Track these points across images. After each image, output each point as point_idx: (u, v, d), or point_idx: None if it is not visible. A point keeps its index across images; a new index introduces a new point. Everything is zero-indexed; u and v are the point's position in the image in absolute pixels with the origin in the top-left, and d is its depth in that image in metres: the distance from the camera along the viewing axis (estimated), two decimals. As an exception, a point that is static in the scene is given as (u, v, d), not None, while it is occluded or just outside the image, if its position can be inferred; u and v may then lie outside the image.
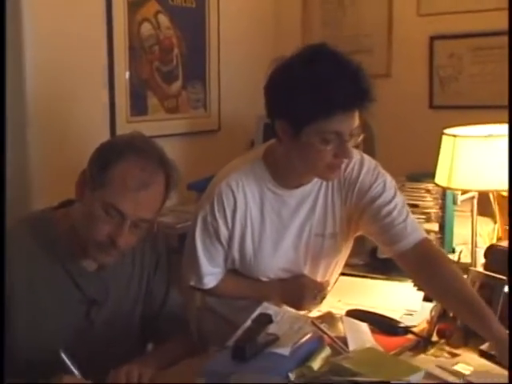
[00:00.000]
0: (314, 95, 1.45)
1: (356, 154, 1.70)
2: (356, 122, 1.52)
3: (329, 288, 1.89)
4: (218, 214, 1.68)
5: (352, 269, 2.21)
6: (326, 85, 1.46)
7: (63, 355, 1.33)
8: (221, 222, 1.69)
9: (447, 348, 1.60)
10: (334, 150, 1.52)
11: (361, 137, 1.54)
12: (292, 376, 1.38)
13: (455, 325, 1.72)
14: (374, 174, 1.72)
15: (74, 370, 1.34)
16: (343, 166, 1.61)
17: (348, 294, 1.92)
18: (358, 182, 1.71)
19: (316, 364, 1.43)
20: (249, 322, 1.53)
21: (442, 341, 1.64)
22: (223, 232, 1.71)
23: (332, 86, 1.45)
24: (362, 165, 1.72)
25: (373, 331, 1.64)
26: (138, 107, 2.82)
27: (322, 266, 1.83)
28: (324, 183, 1.71)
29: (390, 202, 1.70)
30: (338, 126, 1.49)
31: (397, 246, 1.68)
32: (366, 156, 1.76)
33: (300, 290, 1.77)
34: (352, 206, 1.73)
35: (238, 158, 1.78)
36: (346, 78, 1.47)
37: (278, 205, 1.70)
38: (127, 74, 2.76)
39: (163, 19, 2.89)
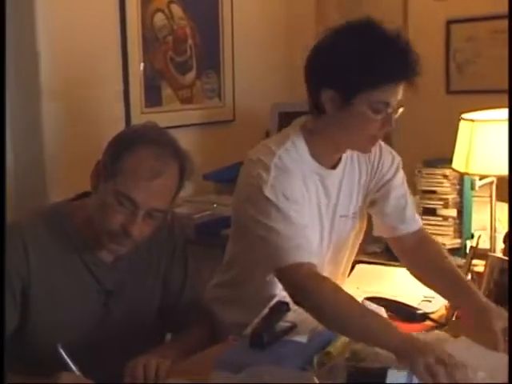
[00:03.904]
0: (367, 65, 1.48)
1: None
2: (401, 94, 1.55)
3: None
4: (284, 179, 1.56)
5: (370, 256, 2.20)
6: (378, 56, 1.48)
7: (61, 351, 1.32)
8: (288, 185, 1.56)
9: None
10: (382, 121, 1.54)
11: (401, 109, 1.57)
12: (315, 361, 1.38)
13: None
14: (390, 155, 1.77)
15: (72, 366, 1.32)
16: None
17: (366, 281, 1.91)
18: (380, 164, 1.75)
19: (336, 351, 1.42)
20: (266, 310, 1.52)
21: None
22: (293, 193, 1.56)
23: (384, 57, 1.48)
24: (381, 146, 1.76)
25: (391, 318, 1.62)
26: (153, 98, 2.82)
27: (343, 248, 1.81)
28: (349, 163, 1.71)
29: (403, 183, 1.78)
30: (388, 97, 1.52)
31: (399, 228, 1.75)
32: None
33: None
34: (371, 186, 1.76)
35: (273, 136, 1.72)
36: (396, 51, 1.50)
37: (316, 183, 1.66)
38: (141, 65, 2.75)
39: (176, 9, 2.88)
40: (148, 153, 1.43)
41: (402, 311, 1.68)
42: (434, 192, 2.30)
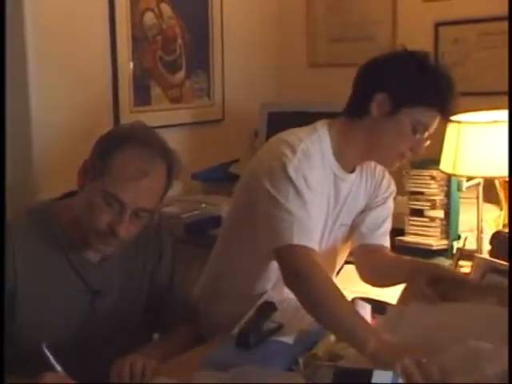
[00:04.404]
0: (427, 84, 1.57)
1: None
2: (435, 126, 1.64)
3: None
4: (306, 165, 1.58)
5: (353, 252, 2.19)
6: (437, 83, 1.58)
7: (46, 351, 1.31)
8: (310, 174, 1.58)
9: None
10: (414, 142, 1.61)
11: (428, 142, 1.65)
12: (301, 362, 1.38)
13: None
14: (389, 181, 1.84)
15: (56, 365, 1.31)
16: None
17: (353, 282, 1.91)
18: (382, 184, 1.81)
19: (321, 352, 1.43)
20: (253, 311, 1.53)
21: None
22: (312, 181, 1.58)
23: (441, 87, 1.58)
24: (386, 173, 1.83)
25: (377, 318, 1.63)
26: (142, 97, 2.81)
27: (333, 256, 1.83)
28: (359, 174, 1.75)
29: (390, 208, 1.84)
30: (429, 122, 1.60)
31: (367, 244, 1.80)
32: None
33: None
34: (367, 202, 1.80)
35: (299, 128, 1.70)
36: (449, 89, 1.60)
37: (330, 183, 1.68)
38: (131, 64, 2.74)
39: (166, 8, 2.87)
40: (135, 153, 1.43)
41: (388, 312, 1.69)
42: (421, 193, 2.30)
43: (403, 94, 1.59)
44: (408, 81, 1.59)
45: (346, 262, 1.98)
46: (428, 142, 1.64)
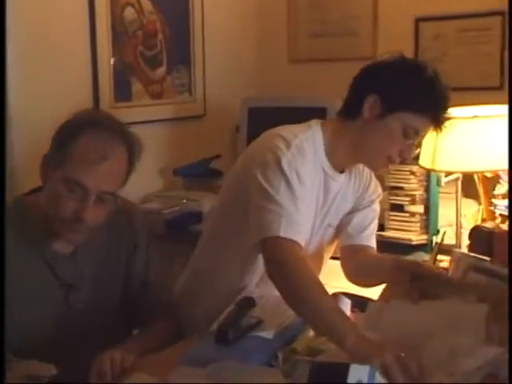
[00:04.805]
0: (420, 89, 1.58)
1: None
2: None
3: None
4: (301, 160, 1.59)
5: (339, 252, 2.20)
6: (431, 90, 1.59)
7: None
8: (303, 169, 1.59)
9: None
10: (403, 146, 1.61)
11: (418, 150, 1.69)
12: (280, 356, 1.39)
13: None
14: (376, 185, 1.85)
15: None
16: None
17: (334, 277, 1.92)
18: (369, 187, 1.81)
19: (300, 346, 1.43)
20: (232, 306, 1.53)
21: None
22: (304, 177, 1.59)
23: (434, 94, 1.59)
24: (373, 176, 1.84)
25: (357, 313, 1.64)
26: (122, 93, 2.79)
27: (318, 257, 1.83)
28: (349, 175, 1.75)
29: (376, 210, 1.84)
30: (420, 128, 1.61)
31: (353, 245, 1.80)
32: None
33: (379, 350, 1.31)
34: (355, 204, 1.81)
35: (293, 125, 1.71)
36: (442, 97, 1.62)
37: (320, 181, 1.68)
38: (112, 60, 2.73)
39: (146, 3, 2.85)
40: (94, 137, 1.43)
41: (368, 306, 1.70)
42: (401, 188, 2.32)
43: (396, 98, 1.59)
44: (402, 85, 1.59)
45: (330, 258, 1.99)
46: (418, 150, 1.65)
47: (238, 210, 1.64)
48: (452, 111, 2.10)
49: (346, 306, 1.62)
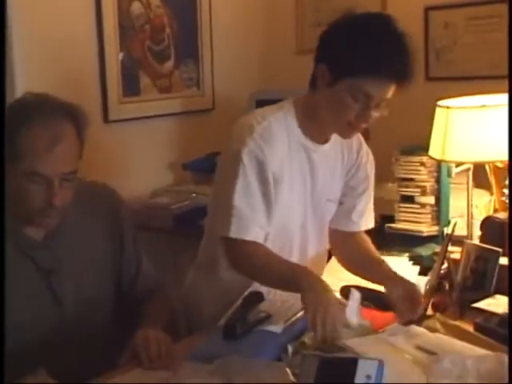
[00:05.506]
0: (361, 52, 1.52)
1: (358, 136, 1.79)
2: (388, 93, 1.57)
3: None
4: (265, 147, 1.60)
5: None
6: (374, 48, 1.52)
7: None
8: (268, 153, 1.60)
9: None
10: (359, 111, 1.57)
11: (386, 111, 1.61)
12: (290, 350, 1.38)
13: (450, 298, 1.72)
14: (368, 154, 1.83)
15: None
16: (360, 129, 1.67)
17: (343, 269, 1.91)
18: (360, 156, 1.80)
19: (309, 340, 1.42)
20: (240, 301, 1.52)
21: (437, 315, 1.63)
22: (270, 166, 1.60)
23: (378, 51, 1.52)
24: (362, 141, 1.83)
25: (367, 306, 1.63)
26: (131, 87, 2.79)
27: (321, 233, 1.83)
28: (335, 145, 1.74)
29: (370, 184, 1.84)
30: (370, 89, 1.54)
31: (346, 224, 1.83)
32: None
33: (330, 306, 1.44)
34: (348, 177, 1.80)
35: (266, 107, 1.73)
36: (393, 49, 1.54)
37: (302, 157, 1.69)
38: (120, 55, 2.73)
39: (153, -3, 2.85)
40: (39, 123, 1.41)
41: (379, 300, 1.68)
42: (411, 179, 2.29)
43: (339, 65, 1.56)
44: (343, 50, 1.55)
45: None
46: (386, 113, 1.61)
47: None
48: (461, 101, 2.09)
49: (357, 299, 1.60)
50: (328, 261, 1.95)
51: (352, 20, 1.59)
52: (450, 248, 1.83)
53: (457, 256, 1.86)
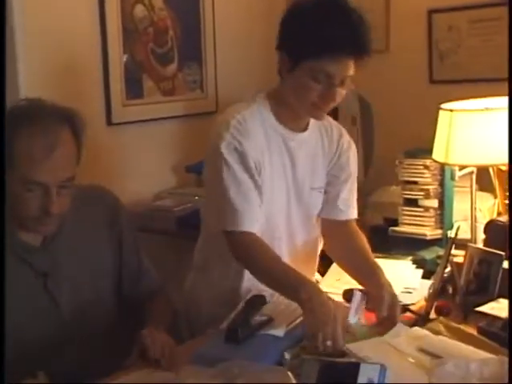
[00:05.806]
0: (312, 34, 1.53)
1: (337, 125, 1.83)
2: (349, 70, 1.57)
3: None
4: (242, 139, 1.61)
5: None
6: (324, 27, 1.53)
7: None
8: (246, 145, 1.61)
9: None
10: (322, 91, 1.57)
11: (352, 86, 1.63)
12: (288, 356, 1.37)
13: (453, 302, 1.71)
14: (350, 143, 1.83)
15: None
16: (328, 109, 1.67)
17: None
18: (340, 143, 1.80)
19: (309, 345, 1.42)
20: (242, 304, 1.52)
21: (441, 318, 1.62)
22: (252, 156, 1.62)
23: (328, 29, 1.53)
24: (342, 129, 1.84)
25: (371, 309, 1.62)
26: (134, 90, 2.79)
27: (308, 222, 1.82)
28: (314, 132, 1.76)
29: (353, 172, 1.83)
30: (328, 68, 1.55)
31: (334, 213, 1.81)
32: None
33: (330, 316, 1.40)
34: (330, 166, 1.81)
35: (240, 103, 1.75)
36: (343, 25, 1.54)
37: (280, 146, 1.69)
38: (125, 57, 2.73)
39: (156, 0, 2.85)
40: (35, 130, 1.39)
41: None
42: (415, 183, 2.28)
43: (296, 50, 1.57)
44: (297, 35, 1.57)
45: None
46: (352, 87, 1.63)
47: None
48: (465, 104, 2.09)
49: (361, 301, 1.60)
50: (331, 264, 1.94)
51: (301, 5, 1.60)
52: (453, 251, 1.82)
53: (460, 259, 1.85)
